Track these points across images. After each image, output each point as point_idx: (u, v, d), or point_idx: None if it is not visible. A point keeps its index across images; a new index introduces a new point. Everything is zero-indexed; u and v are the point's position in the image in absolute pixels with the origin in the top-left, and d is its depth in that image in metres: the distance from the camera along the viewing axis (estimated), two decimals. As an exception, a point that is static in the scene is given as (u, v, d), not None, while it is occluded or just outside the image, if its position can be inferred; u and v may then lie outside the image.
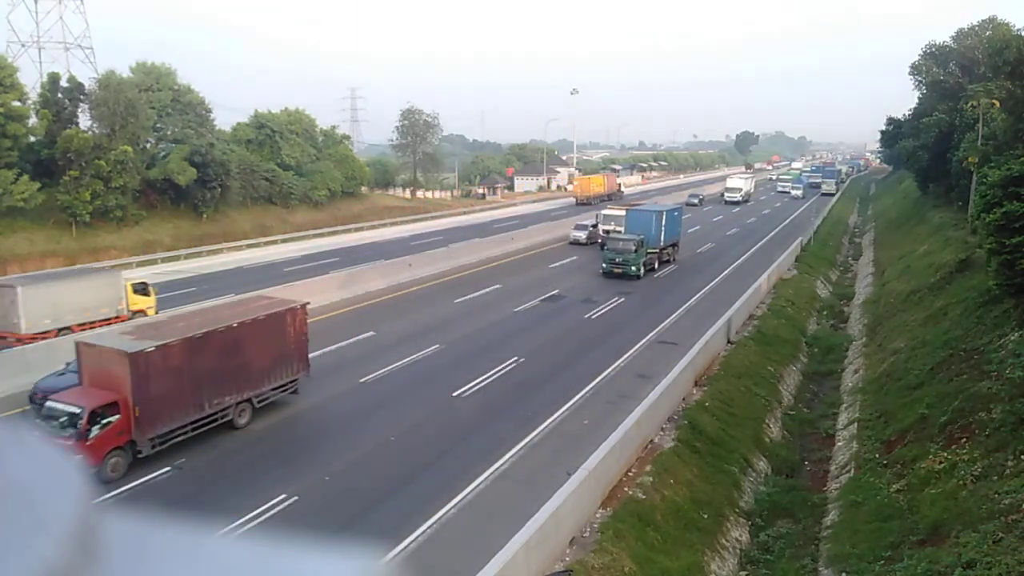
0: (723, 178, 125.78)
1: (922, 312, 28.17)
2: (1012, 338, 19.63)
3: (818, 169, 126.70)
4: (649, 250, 39.04)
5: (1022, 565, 11.24)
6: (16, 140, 41.39)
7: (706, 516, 15.74)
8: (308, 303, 20.86)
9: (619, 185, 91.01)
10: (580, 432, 18.23)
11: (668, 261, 42.10)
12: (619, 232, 41.80)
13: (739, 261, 44.23)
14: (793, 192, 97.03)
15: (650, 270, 39.21)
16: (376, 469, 16.42)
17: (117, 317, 25.79)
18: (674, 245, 43.27)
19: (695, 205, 76.19)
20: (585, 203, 77.14)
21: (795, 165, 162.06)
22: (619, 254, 37.61)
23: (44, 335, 23.37)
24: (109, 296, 26.12)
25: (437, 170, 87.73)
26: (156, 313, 26.59)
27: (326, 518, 14.22)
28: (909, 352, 24.21)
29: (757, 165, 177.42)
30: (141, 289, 27.74)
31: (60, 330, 23.92)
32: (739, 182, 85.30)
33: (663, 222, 40.59)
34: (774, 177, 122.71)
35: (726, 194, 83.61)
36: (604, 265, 37.88)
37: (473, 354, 24.72)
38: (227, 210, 53.86)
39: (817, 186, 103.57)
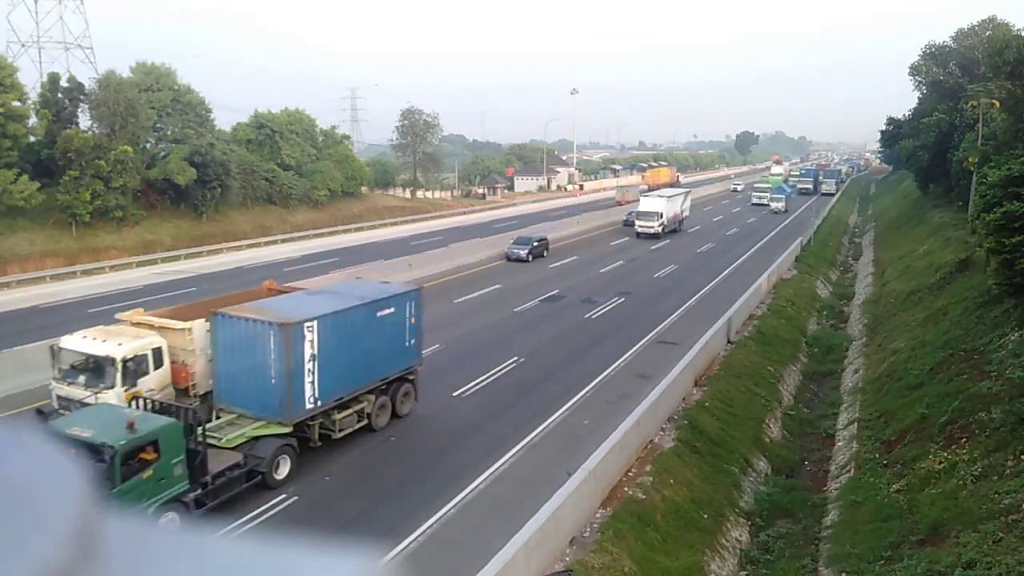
0: (723, 179, 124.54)
1: (922, 312, 28.17)
2: (1012, 338, 19.63)
3: (808, 172, 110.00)
4: (254, 430, 15.26)
5: (1022, 565, 11.24)
6: (16, 140, 41.36)
7: (706, 516, 15.73)
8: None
9: (678, 176, 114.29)
10: (580, 432, 18.23)
11: (367, 424, 17.87)
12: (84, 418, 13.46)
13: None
14: (773, 205, 75.49)
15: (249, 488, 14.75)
16: (376, 469, 16.42)
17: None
18: (396, 382, 18.67)
19: (523, 260, 42.42)
20: (655, 189, 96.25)
21: (775, 170, 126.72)
22: None
23: (629, 202, 70.70)
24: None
25: (437, 170, 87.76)
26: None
27: (326, 518, 14.22)
28: (909, 352, 24.21)
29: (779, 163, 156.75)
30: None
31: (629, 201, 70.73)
32: (657, 203, 54.97)
33: (311, 345, 15.75)
34: (740, 188, 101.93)
35: (637, 223, 54.04)
36: None
37: (473, 354, 24.71)
38: (227, 210, 53.84)
39: (808, 193, 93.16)
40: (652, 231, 53.20)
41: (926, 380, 20.76)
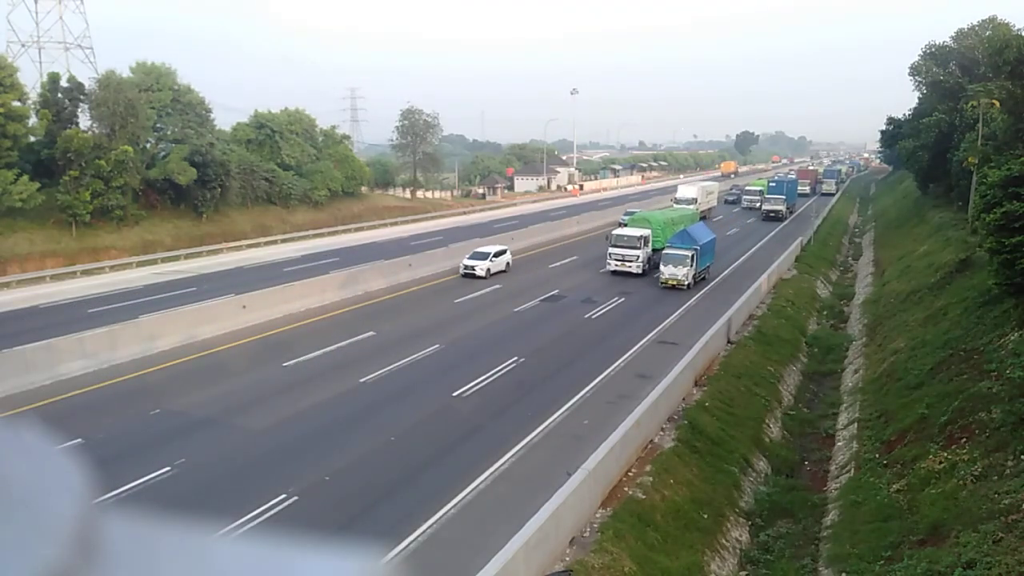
0: (723, 178, 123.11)
1: (922, 312, 28.18)
2: (1012, 338, 19.64)
3: (780, 185, 74.61)
4: None
5: (1022, 565, 11.24)
6: (16, 140, 41.31)
7: (706, 516, 15.74)
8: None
9: (736, 167, 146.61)
10: (580, 432, 18.23)
11: None
12: None
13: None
14: (667, 273, 35.65)
15: None
16: (376, 469, 16.41)
17: None
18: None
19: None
20: (728, 176, 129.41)
21: (685, 192, 64.06)
22: None
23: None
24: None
25: (437, 170, 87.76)
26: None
27: (326, 518, 14.22)
28: (909, 352, 24.21)
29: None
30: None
31: None
32: None
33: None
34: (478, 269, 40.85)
35: None
36: None
37: (473, 354, 24.71)
38: (227, 210, 53.82)
39: (777, 218, 66.62)
40: None
41: (926, 380, 20.76)
